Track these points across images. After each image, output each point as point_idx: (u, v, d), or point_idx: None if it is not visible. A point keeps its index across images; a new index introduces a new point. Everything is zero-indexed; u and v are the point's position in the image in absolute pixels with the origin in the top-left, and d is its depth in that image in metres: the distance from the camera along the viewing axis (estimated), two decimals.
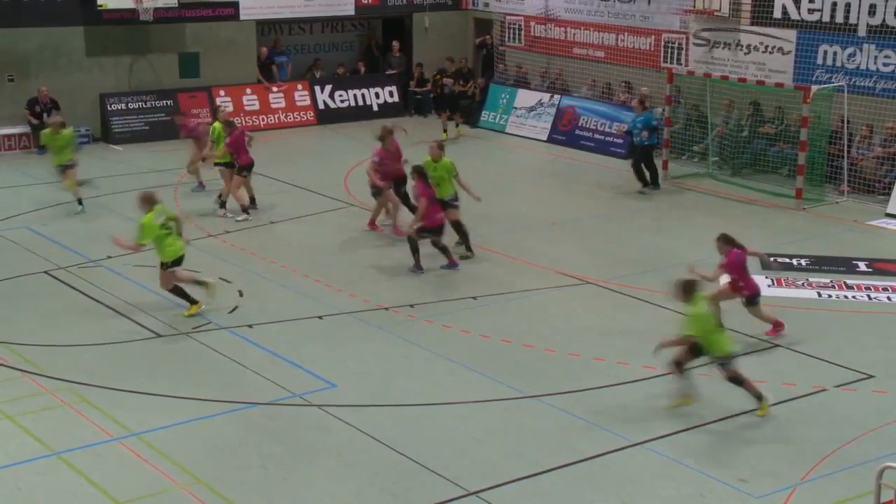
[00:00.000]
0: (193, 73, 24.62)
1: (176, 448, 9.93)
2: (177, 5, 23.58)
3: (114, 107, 23.65)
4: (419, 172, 14.89)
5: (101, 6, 22.76)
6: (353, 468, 9.64)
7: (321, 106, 25.93)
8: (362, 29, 27.97)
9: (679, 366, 10.64)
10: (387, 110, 26.17)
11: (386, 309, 13.49)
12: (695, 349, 10.54)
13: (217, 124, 17.49)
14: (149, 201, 13.10)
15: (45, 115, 21.65)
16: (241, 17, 25.03)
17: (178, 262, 13.19)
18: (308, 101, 25.91)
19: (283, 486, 9.34)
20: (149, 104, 23.89)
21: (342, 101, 26.20)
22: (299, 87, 25.89)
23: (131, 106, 23.76)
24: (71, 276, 14.66)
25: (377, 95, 26.59)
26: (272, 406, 10.88)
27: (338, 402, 10.88)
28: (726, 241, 12.24)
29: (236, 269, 15.01)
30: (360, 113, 26.00)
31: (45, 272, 14.75)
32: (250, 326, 12.92)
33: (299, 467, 9.66)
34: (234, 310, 13.45)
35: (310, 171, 20.41)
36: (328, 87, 26.13)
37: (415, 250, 14.79)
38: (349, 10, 26.48)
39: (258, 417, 10.66)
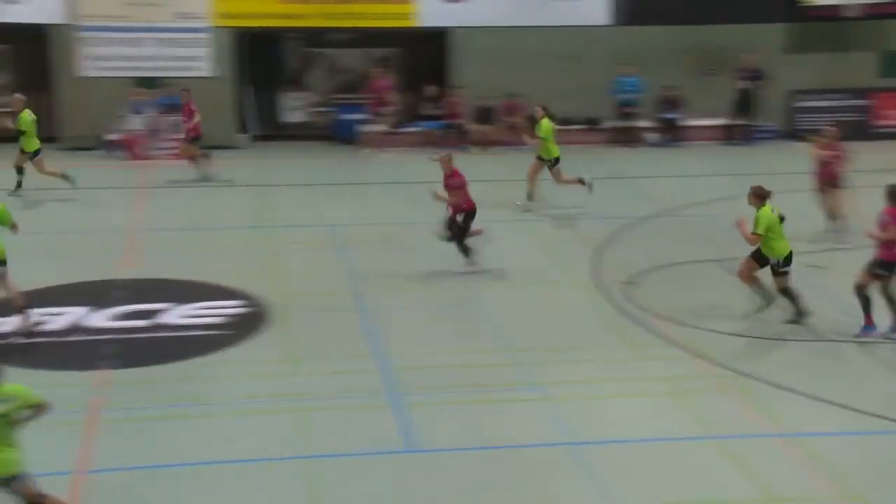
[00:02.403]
0: None
1: (834, 458, 9.52)
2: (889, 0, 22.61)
3: (802, 104, 23.43)
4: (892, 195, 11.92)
5: (803, 3, 22.66)
6: None
7: None
8: None
9: None
10: None
11: None
12: None
13: None
14: None
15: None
16: None
17: None
18: None
19: None
20: (839, 103, 23.25)
21: None
22: None
23: (820, 104, 23.32)
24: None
25: None
26: None
27: None
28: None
29: None
30: None
31: (714, 260, 15.09)
32: None
33: None
34: None
35: None
36: None
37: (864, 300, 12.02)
38: None
39: None
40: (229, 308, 13.20)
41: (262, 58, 23.53)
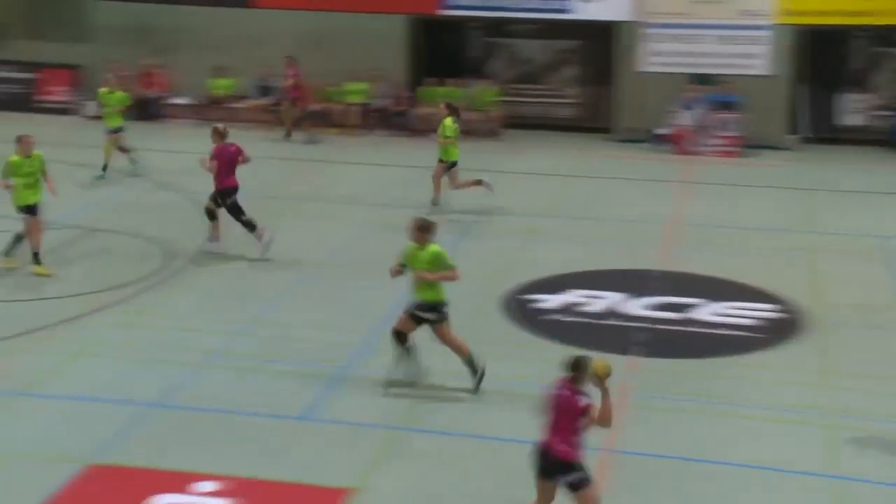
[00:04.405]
0: None
1: None
2: None
3: None
4: None
5: None
6: None
7: None
8: None
9: None
10: None
11: None
12: None
13: None
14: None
15: None
16: None
17: (28, 209, 13.60)
18: None
19: None
20: None
21: None
22: None
23: None
24: None
25: None
26: None
27: None
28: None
29: None
30: None
31: None
32: None
33: None
34: None
35: None
36: None
37: None
38: None
39: None
40: (763, 311, 12.93)
41: (822, 56, 22.61)
